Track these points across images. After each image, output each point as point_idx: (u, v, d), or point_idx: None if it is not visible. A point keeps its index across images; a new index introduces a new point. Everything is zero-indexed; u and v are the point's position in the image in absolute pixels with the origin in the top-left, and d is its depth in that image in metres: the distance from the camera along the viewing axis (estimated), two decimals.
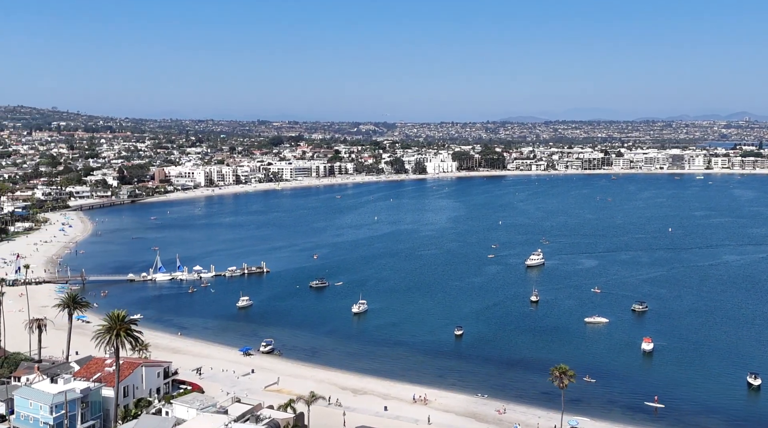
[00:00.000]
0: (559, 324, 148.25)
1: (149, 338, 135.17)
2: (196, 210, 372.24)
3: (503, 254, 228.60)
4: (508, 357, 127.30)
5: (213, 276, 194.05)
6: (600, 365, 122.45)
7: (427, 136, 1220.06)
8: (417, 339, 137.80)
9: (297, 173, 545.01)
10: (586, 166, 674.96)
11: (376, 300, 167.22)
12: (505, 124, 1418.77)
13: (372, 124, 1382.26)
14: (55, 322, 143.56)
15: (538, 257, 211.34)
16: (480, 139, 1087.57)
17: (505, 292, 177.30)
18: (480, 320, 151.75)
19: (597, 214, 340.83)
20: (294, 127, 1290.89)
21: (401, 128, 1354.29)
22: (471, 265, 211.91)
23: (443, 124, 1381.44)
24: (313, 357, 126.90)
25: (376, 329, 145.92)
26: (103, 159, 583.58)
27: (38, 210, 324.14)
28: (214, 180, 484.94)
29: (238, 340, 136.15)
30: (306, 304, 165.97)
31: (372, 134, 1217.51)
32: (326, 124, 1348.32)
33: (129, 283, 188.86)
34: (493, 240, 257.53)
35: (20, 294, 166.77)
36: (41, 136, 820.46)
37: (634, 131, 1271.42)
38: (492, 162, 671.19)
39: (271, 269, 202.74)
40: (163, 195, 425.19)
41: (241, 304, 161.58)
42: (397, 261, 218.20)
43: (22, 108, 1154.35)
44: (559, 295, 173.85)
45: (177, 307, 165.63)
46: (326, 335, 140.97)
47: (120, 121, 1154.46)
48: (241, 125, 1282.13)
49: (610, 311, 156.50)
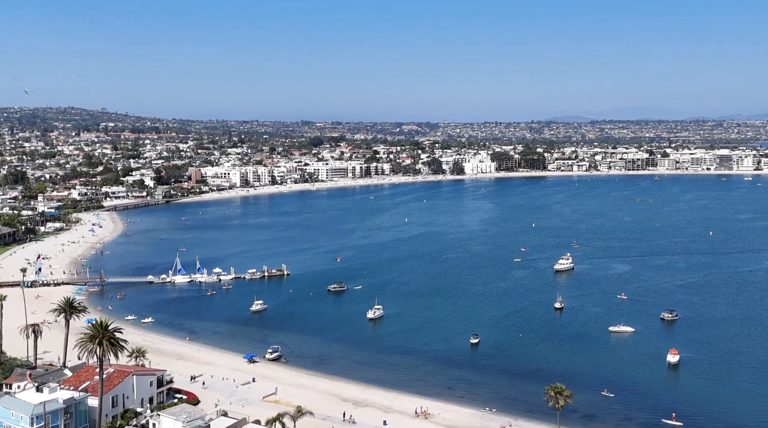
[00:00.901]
0: (581, 333, 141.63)
1: (157, 342, 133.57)
2: (229, 210, 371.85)
3: (532, 258, 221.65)
4: (524, 368, 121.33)
5: (232, 279, 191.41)
6: (620, 378, 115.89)
7: (470, 136, 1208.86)
8: (430, 348, 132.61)
9: (333, 174, 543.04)
10: (629, 166, 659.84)
11: (393, 305, 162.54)
12: (550, 123, 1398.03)
13: (414, 124, 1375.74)
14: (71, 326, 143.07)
15: (567, 261, 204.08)
16: (524, 139, 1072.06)
17: (529, 298, 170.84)
18: (499, 327, 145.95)
19: (635, 216, 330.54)
20: (337, 127, 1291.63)
21: (444, 128, 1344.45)
22: (497, 269, 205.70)
23: (487, 124, 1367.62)
24: (319, 366, 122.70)
25: (389, 336, 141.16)
26: (144, 159, 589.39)
27: (72, 210, 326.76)
28: (250, 180, 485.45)
29: (246, 346, 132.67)
30: (321, 309, 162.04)
31: (414, 134, 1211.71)
32: (369, 125, 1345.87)
33: (148, 285, 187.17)
34: (523, 243, 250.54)
35: (37, 297, 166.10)
36: (88, 136, 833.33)
37: (683, 131, 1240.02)
38: (532, 162, 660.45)
39: (293, 271, 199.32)
40: (198, 195, 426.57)
41: (254, 308, 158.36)
42: (422, 265, 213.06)
43: (72, 109, 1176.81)
44: (585, 302, 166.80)
45: (191, 310, 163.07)
46: (337, 342, 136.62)
47: (166, 122, 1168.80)
48: (284, 126, 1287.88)
49: (637, 319, 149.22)
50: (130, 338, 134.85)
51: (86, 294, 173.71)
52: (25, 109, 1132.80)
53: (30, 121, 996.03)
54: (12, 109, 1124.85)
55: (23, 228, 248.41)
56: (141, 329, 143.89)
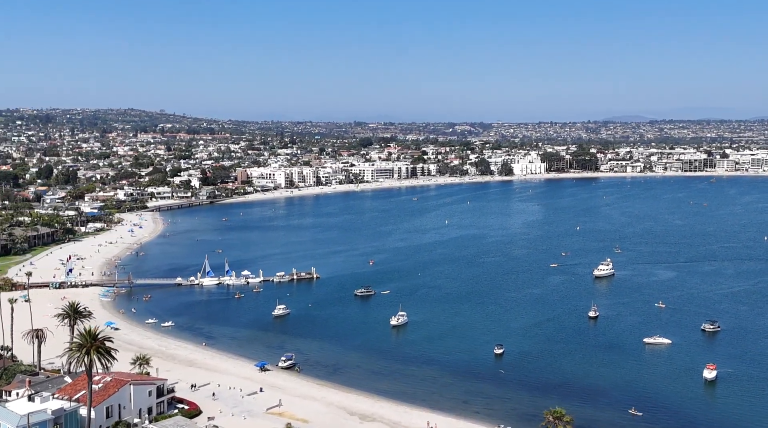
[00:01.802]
0: (614, 345, 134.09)
1: (171, 348, 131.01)
2: (270, 211, 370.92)
3: (572, 263, 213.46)
4: (548, 382, 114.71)
5: (261, 282, 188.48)
6: (651, 395, 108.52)
7: (524, 136, 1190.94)
8: (451, 358, 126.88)
9: (378, 174, 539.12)
10: (686, 167, 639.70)
11: (420, 310, 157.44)
12: (607, 123, 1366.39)
13: (468, 124, 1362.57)
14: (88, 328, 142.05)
15: (607, 267, 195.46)
16: (579, 140, 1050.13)
17: (564, 306, 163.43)
18: (527, 337, 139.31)
19: (687, 219, 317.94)
20: (389, 128, 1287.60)
21: (497, 128, 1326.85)
22: (533, 275, 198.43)
23: (541, 124, 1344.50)
24: (332, 375, 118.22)
25: (410, 344, 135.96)
26: (195, 160, 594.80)
27: (116, 210, 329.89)
28: (295, 181, 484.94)
29: (262, 353, 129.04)
30: (345, 314, 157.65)
31: (467, 135, 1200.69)
32: (421, 125, 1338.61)
33: (176, 288, 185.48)
34: (565, 247, 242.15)
35: (62, 298, 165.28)
36: (145, 137, 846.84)
37: (746, 131, 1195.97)
38: (584, 163, 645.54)
39: (323, 274, 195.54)
40: (242, 196, 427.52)
41: (276, 313, 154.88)
42: (456, 269, 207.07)
43: (132, 111, 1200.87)
44: (622, 311, 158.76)
45: (214, 314, 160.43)
46: (355, 350, 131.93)
47: (222, 123, 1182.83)
48: (337, 127, 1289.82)
49: (675, 330, 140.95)
50: (146, 342, 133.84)
51: (113, 296, 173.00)
52: (87, 111, 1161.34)
53: (91, 123, 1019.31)
54: (75, 110, 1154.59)
55: (61, 229, 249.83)
56: (159, 333, 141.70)
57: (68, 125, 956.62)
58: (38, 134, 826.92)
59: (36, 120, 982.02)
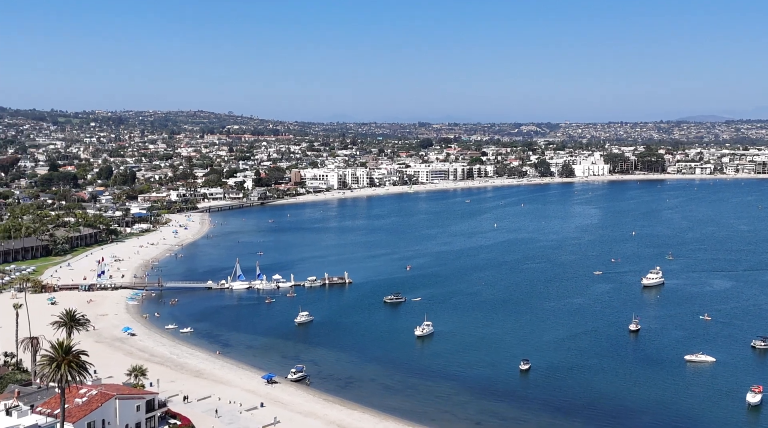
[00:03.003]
0: (652, 362, 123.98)
1: (183, 356, 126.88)
2: (318, 213, 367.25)
3: (620, 271, 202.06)
4: (574, 402, 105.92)
5: (291, 286, 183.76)
6: (686, 420, 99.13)
7: (592, 136, 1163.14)
8: (473, 373, 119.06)
9: (433, 176, 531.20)
10: (759, 169, 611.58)
11: (450, 320, 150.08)
12: (680, 123, 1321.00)
13: (534, 124, 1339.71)
14: (105, 334, 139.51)
15: (656, 276, 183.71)
16: (650, 140, 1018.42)
17: (604, 318, 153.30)
18: (559, 351, 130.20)
19: (754, 225, 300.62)
20: (453, 128, 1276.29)
21: (565, 129, 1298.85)
22: (577, 282, 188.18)
23: (611, 124, 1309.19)
24: (342, 390, 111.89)
25: (432, 356, 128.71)
26: (254, 161, 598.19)
27: (165, 211, 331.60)
28: (348, 182, 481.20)
29: (275, 363, 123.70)
30: (370, 323, 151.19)
31: (533, 135, 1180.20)
32: (486, 126, 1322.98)
33: (206, 291, 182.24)
34: (616, 253, 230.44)
35: (89, 301, 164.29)
36: (211, 139, 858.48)
37: None
38: (650, 164, 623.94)
39: (357, 279, 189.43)
40: (294, 197, 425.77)
41: (299, 320, 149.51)
42: (496, 275, 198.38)
43: (201, 112, 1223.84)
44: (667, 324, 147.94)
45: (236, 320, 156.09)
46: (373, 361, 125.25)
47: (287, 125, 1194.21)
48: (401, 128, 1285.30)
49: (722, 347, 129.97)
50: (158, 350, 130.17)
51: (140, 300, 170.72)
52: (159, 113, 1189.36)
53: (162, 124, 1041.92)
54: (147, 112, 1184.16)
55: (104, 230, 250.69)
56: (175, 340, 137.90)
57: (139, 127, 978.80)
58: (109, 136, 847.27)
59: (109, 122, 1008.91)
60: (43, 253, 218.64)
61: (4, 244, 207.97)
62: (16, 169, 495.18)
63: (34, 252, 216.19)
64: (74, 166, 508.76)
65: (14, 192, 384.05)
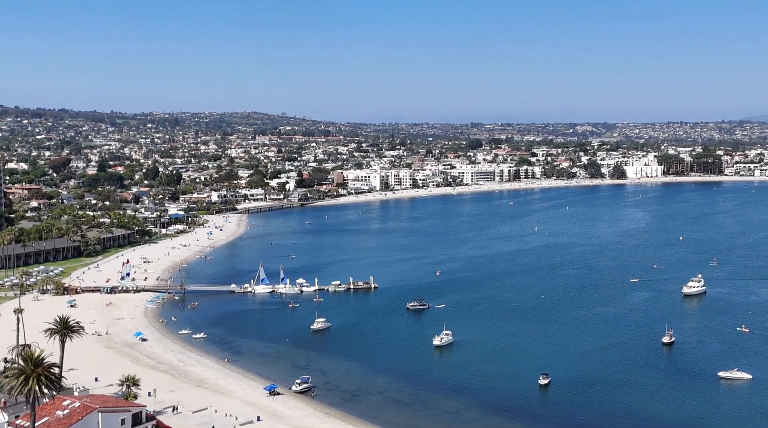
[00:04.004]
0: (683, 378, 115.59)
1: (189, 364, 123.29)
2: (357, 214, 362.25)
3: (660, 278, 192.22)
4: (593, 422, 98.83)
5: (315, 290, 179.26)
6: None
7: (650, 136, 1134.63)
8: (487, 387, 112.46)
9: (479, 177, 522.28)
10: None
11: (472, 329, 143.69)
12: (743, 123, 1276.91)
13: (590, 124, 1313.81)
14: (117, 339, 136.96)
15: (698, 284, 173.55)
16: (710, 141, 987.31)
17: (638, 328, 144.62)
18: (583, 364, 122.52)
19: None
20: (506, 129, 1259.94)
21: (621, 129, 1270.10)
22: (614, 290, 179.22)
23: (670, 124, 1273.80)
24: (347, 403, 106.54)
25: (447, 368, 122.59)
26: (300, 162, 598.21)
27: (204, 212, 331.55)
28: (390, 184, 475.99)
29: (284, 372, 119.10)
30: (389, 330, 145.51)
31: (588, 135, 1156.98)
32: (540, 126, 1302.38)
33: (229, 295, 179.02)
34: (660, 259, 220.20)
35: (108, 304, 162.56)
36: (262, 140, 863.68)
37: None
38: (706, 166, 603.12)
39: (383, 284, 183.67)
40: (334, 198, 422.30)
41: (315, 327, 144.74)
42: (528, 281, 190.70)
43: (255, 114, 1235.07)
44: (704, 336, 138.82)
45: (253, 325, 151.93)
46: (385, 372, 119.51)
47: (339, 125, 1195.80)
48: (453, 128, 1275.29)
49: (761, 363, 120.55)
50: (165, 357, 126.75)
51: (160, 303, 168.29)
52: (214, 114, 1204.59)
53: (216, 126, 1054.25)
54: (203, 113, 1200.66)
55: (137, 231, 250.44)
56: (186, 346, 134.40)
57: (194, 128, 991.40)
58: (164, 137, 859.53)
59: (165, 123, 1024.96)
60: (74, 254, 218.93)
61: (34, 245, 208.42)
62: (67, 170, 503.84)
63: (65, 253, 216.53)
64: (124, 167, 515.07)
65: (61, 192, 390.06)
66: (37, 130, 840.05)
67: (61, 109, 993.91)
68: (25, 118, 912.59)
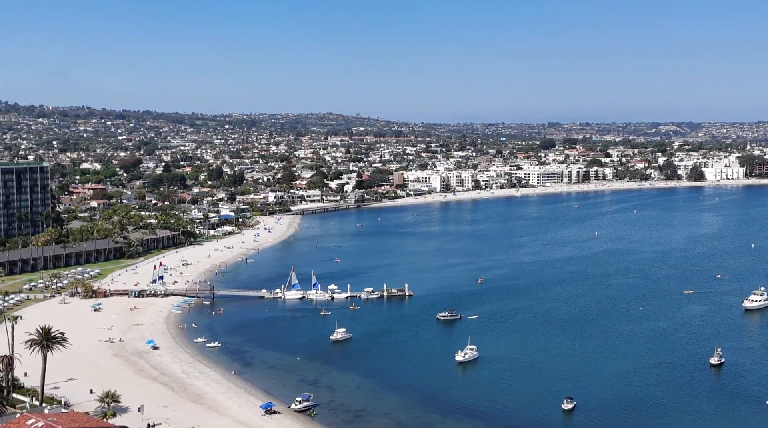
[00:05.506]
0: (728, 406, 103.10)
1: (193, 376, 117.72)
2: (411, 216, 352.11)
3: (721, 290, 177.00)
4: None
5: (347, 297, 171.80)
6: None
7: (738, 136, 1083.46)
8: (504, 410, 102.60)
9: (545, 178, 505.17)
10: None
11: (503, 343, 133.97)
12: None
13: (674, 124, 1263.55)
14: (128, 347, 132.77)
15: (761, 297, 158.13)
16: None
17: (686, 346, 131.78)
18: (617, 386, 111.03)
19: None
20: (585, 128, 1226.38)
21: (708, 128, 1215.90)
22: (667, 302, 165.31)
23: (760, 124, 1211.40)
24: (348, 425, 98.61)
25: (466, 387, 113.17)
26: (365, 163, 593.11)
27: (258, 213, 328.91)
28: (452, 185, 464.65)
29: (289, 388, 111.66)
30: (414, 343, 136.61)
31: (672, 135, 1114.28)
32: (621, 126, 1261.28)
33: (258, 300, 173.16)
34: (726, 268, 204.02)
35: (132, 308, 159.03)
36: (333, 140, 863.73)
37: None
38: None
39: (419, 292, 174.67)
40: (392, 200, 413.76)
41: (335, 338, 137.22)
42: (576, 290, 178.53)
43: (330, 115, 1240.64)
44: (760, 357, 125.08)
45: (273, 334, 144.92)
46: (396, 391, 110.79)
47: (412, 126, 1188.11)
48: (529, 128, 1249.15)
49: None
50: (171, 367, 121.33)
51: (186, 308, 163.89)
52: (290, 115, 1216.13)
53: (292, 127, 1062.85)
54: (279, 115, 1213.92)
55: (181, 232, 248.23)
56: (197, 356, 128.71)
57: (269, 129, 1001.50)
58: (239, 138, 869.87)
59: (242, 124, 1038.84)
60: (116, 256, 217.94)
61: (75, 246, 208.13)
62: (137, 170, 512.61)
63: (106, 254, 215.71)
64: (191, 168, 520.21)
65: (125, 192, 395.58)
66: (120, 131, 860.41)
67: (144, 111, 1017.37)
68: (109, 119, 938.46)
